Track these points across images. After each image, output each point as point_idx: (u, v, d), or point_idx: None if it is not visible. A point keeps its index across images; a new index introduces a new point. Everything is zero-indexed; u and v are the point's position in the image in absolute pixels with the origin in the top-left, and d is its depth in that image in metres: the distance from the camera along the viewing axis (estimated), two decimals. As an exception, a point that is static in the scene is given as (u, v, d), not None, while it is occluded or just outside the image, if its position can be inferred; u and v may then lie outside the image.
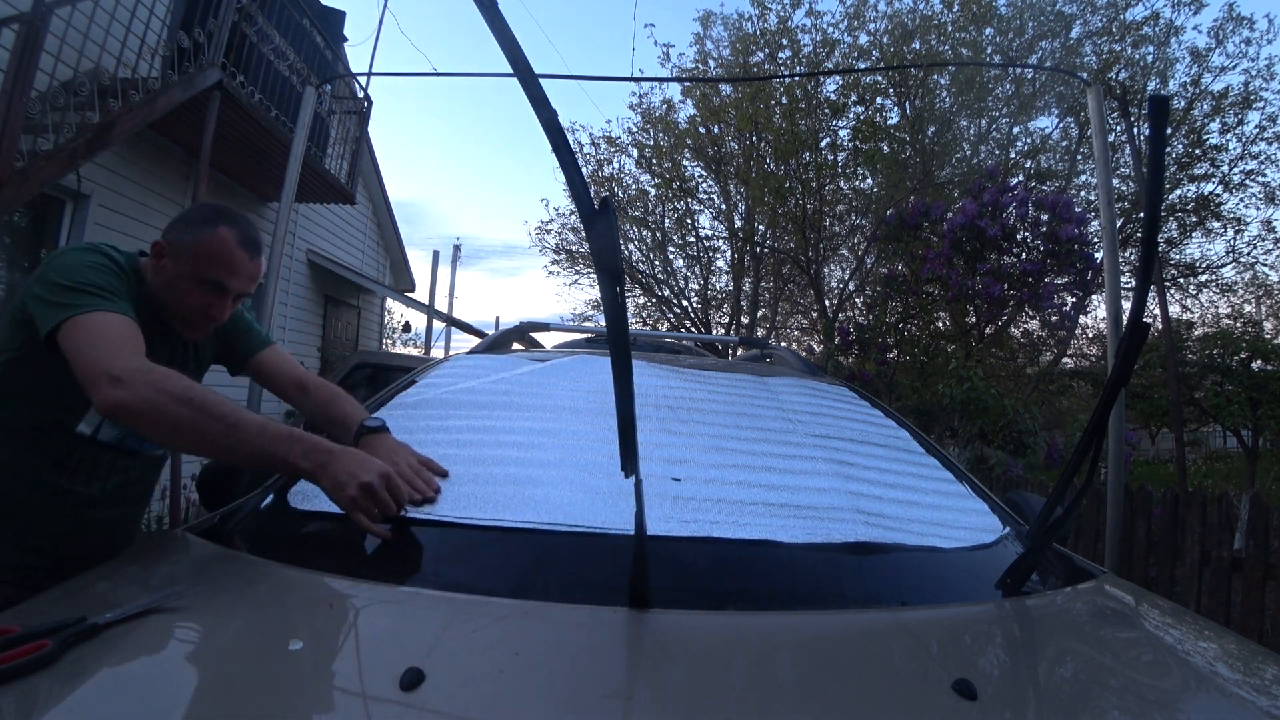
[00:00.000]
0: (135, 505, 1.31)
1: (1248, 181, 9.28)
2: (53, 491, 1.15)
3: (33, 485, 1.14)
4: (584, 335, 3.26)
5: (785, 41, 8.63)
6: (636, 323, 10.80)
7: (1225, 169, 9.24)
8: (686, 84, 9.32)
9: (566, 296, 28.81)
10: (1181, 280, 10.29)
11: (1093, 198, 8.58)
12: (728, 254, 10.96)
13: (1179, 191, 9.37)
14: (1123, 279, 4.85)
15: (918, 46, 8.50)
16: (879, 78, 8.28)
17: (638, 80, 9.63)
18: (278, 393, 1.39)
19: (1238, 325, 9.31)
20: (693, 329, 10.55)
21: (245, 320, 1.39)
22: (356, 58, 15.18)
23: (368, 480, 0.90)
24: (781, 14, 8.56)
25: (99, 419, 1.15)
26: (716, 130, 9.36)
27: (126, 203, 5.00)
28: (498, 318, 30.52)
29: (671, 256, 11.05)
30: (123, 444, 1.20)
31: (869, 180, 9.05)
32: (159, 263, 1.18)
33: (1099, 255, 5.21)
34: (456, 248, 16.94)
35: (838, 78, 8.23)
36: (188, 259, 1.16)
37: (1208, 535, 3.40)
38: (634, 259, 10.89)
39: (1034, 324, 7.60)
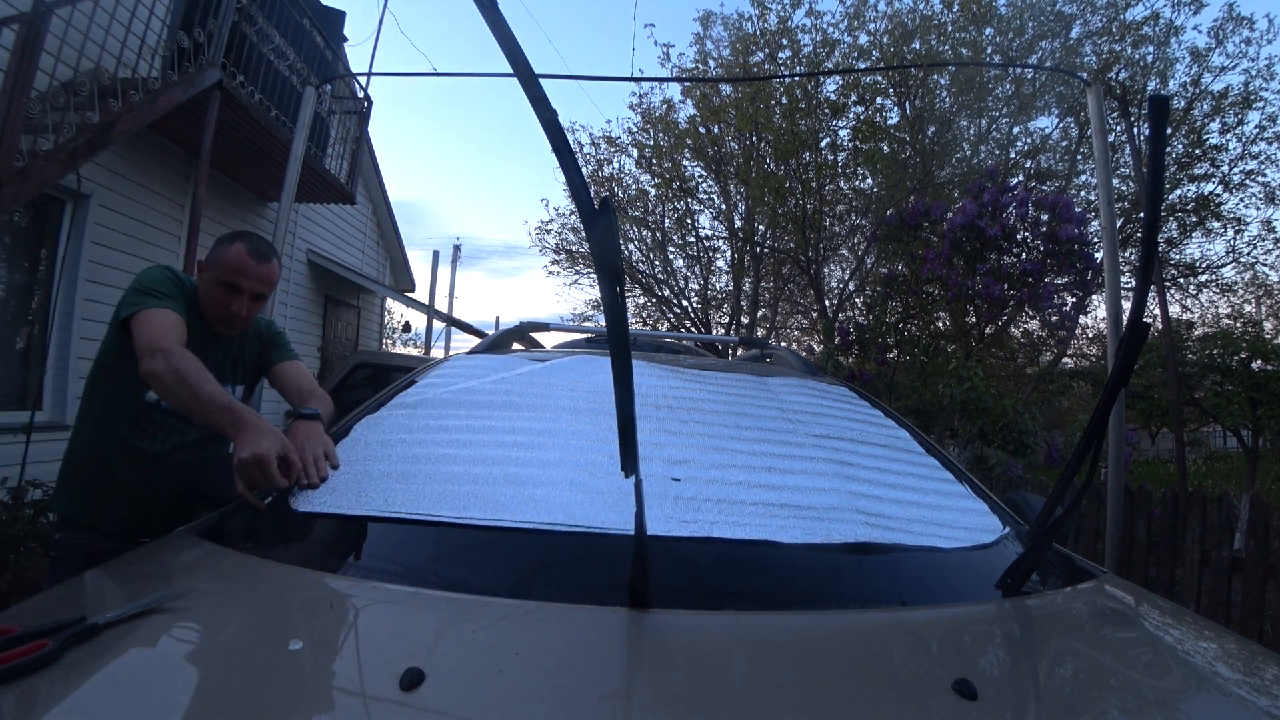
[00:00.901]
0: (196, 469, 1.56)
1: (1248, 181, 9.28)
2: (129, 450, 1.52)
3: (116, 444, 1.52)
4: (584, 335, 3.26)
5: (785, 41, 8.63)
6: (636, 323, 10.80)
7: (1225, 169, 9.25)
8: (686, 84, 9.32)
9: (566, 296, 28.82)
10: (1181, 280, 10.29)
11: (1093, 198, 8.58)
12: (728, 254, 10.96)
13: (1179, 191, 9.36)
14: (1123, 279, 4.86)
15: (918, 46, 8.50)
16: (879, 78, 8.27)
17: (638, 80, 9.63)
18: (286, 398, 1.66)
19: (1238, 325, 9.31)
20: (693, 329, 10.55)
21: (282, 338, 1.76)
22: (356, 58, 15.19)
23: (260, 452, 1.04)
24: (781, 14, 8.56)
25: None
26: (716, 130, 9.35)
27: (126, 203, 5.00)
28: (498, 318, 30.54)
29: (671, 256, 11.05)
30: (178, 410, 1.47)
31: (869, 180, 9.05)
32: (201, 276, 1.55)
33: (1099, 255, 5.20)
34: (456, 248, 16.95)
35: (838, 78, 8.23)
36: (214, 268, 1.52)
37: (1208, 535, 3.40)
38: (634, 259, 10.89)
39: (1034, 324, 7.60)
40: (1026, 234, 6.15)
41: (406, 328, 12.66)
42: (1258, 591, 3.14)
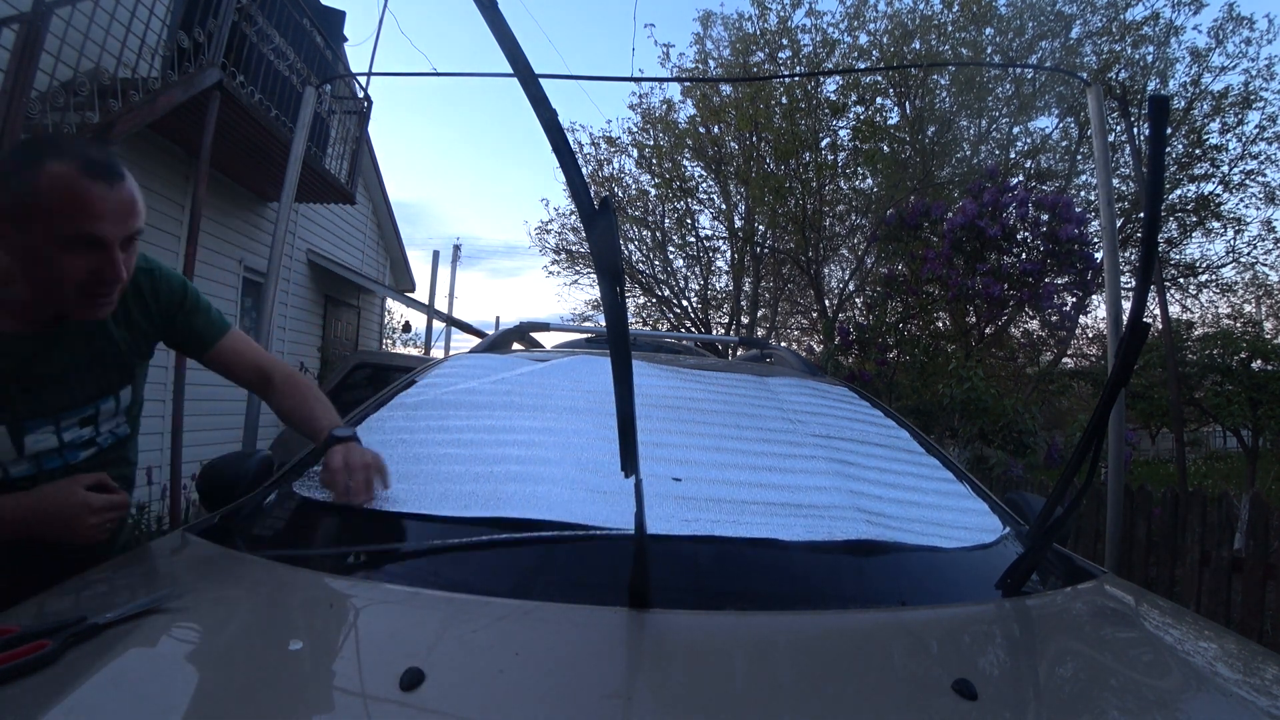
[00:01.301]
0: None
1: (1248, 181, 9.28)
2: None
3: None
4: (584, 335, 3.26)
5: (785, 41, 8.63)
6: (636, 323, 10.80)
7: (1225, 169, 9.25)
8: (686, 84, 9.32)
9: (566, 296, 28.80)
10: (1181, 280, 10.28)
11: (1093, 198, 8.58)
12: (728, 254, 10.96)
13: (1179, 191, 9.36)
14: (1123, 279, 4.85)
15: (918, 46, 8.49)
16: (879, 78, 8.27)
17: (638, 80, 9.63)
18: (239, 383, 1.21)
19: (1238, 325, 9.30)
20: (693, 329, 10.55)
21: (193, 298, 1.15)
22: (356, 58, 15.19)
23: (83, 504, 0.93)
24: (781, 14, 8.56)
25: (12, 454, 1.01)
26: (716, 130, 9.35)
27: (126, 203, 5.00)
28: (498, 318, 30.53)
29: (671, 256, 11.05)
30: (41, 472, 1.04)
31: (869, 180, 9.05)
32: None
33: (1099, 255, 5.20)
34: (456, 248, 16.96)
35: (838, 78, 8.23)
36: (31, 220, 0.85)
37: (1208, 535, 3.39)
38: (634, 259, 10.89)
39: (1034, 324, 7.60)
40: (1026, 234, 6.15)
41: (406, 328, 12.66)
42: (1258, 591, 3.14)
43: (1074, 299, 6.28)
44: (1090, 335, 10.34)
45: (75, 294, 0.91)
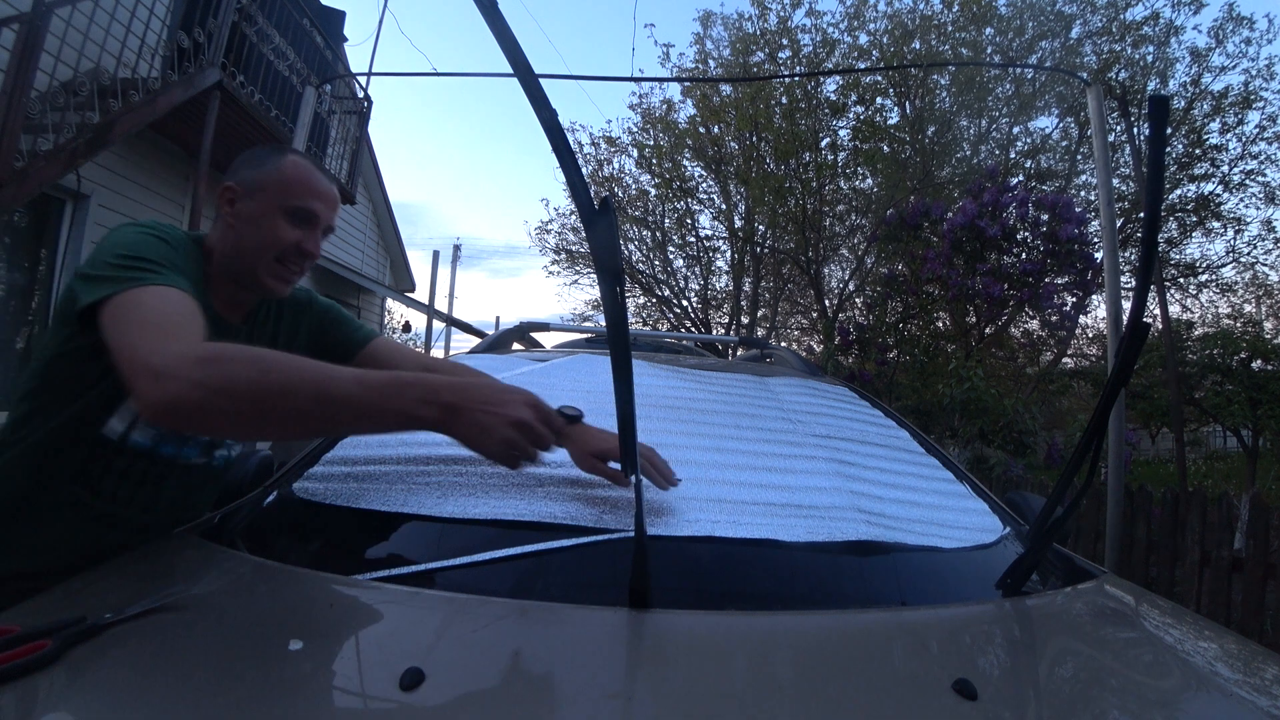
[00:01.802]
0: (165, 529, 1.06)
1: (1248, 181, 9.29)
2: (73, 504, 0.99)
3: (48, 493, 0.98)
4: (584, 335, 3.26)
5: (785, 41, 8.64)
6: (636, 323, 10.81)
7: (1225, 169, 9.25)
8: (686, 84, 9.33)
9: (566, 296, 28.82)
10: (1181, 280, 10.29)
11: (1093, 198, 8.59)
12: (728, 254, 10.97)
13: (1179, 191, 9.37)
14: (1123, 279, 4.86)
15: (918, 46, 8.50)
16: (879, 78, 8.28)
17: (638, 80, 9.66)
18: None
19: (1238, 325, 9.31)
20: (693, 329, 10.56)
21: (338, 311, 1.24)
22: (356, 58, 15.20)
23: (518, 416, 0.76)
24: (781, 14, 8.58)
25: (131, 416, 0.99)
26: (716, 130, 9.36)
27: (126, 203, 5.00)
28: (498, 318, 30.52)
29: (671, 256, 11.06)
30: (157, 449, 1.03)
31: (869, 180, 9.06)
32: (231, 209, 1.05)
33: (1099, 255, 5.21)
34: (456, 248, 16.93)
35: (838, 78, 8.23)
36: (266, 191, 1.03)
37: (1208, 535, 3.40)
38: (634, 259, 10.90)
39: (1034, 324, 7.60)
40: (1026, 234, 6.16)
41: (406, 328, 12.67)
42: (1258, 591, 3.14)
43: (1074, 299, 6.28)
44: (1090, 335, 10.35)
45: (275, 261, 1.04)
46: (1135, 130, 7.54)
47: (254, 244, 1.03)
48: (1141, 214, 5.39)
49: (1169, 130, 7.66)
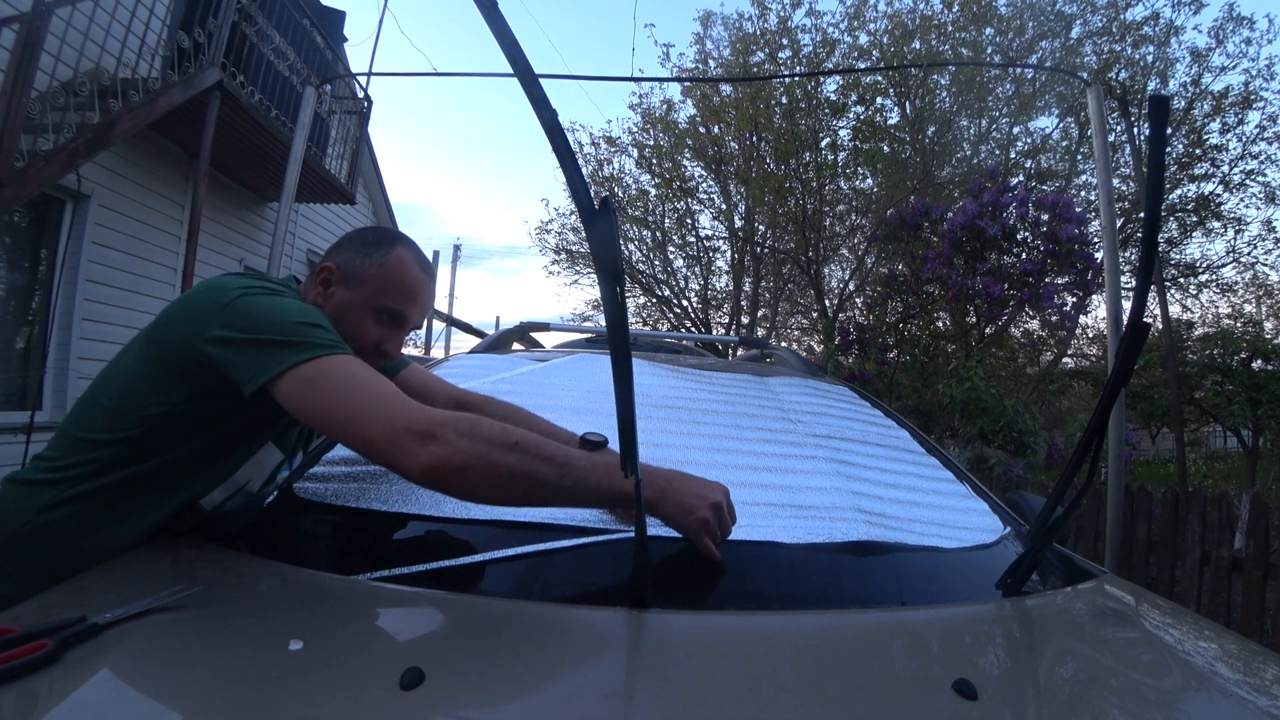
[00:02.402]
0: None
1: (1248, 181, 9.28)
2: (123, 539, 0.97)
3: (107, 534, 0.96)
4: (584, 335, 3.26)
5: (785, 41, 8.64)
6: (636, 323, 10.80)
7: (1225, 169, 9.25)
8: (686, 84, 9.33)
9: (566, 296, 28.88)
10: (1181, 280, 10.28)
11: (1093, 198, 8.59)
12: (728, 254, 10.97)
13: (1179, 191, 9.36)
14: (1123, 279, 4.85)
15: (918, 46, 8.50)
16: (879, 78, 8.28)
17: (638, 80, 9.65)
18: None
19: (1238, 325, 9.30)
20: (693, 329, 10.55)
21: None
22: (356, 58, 15.20)
23: (717, 500, 0.84)
24: (781, 14, 8.57)
25: (235, 489, 1.00)
26: (716, 130, 9.36)
27: (126, 203, 5.00)
28: (498, 318, 30.54)
29: (671, 256, 11.06)
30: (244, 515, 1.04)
31: (869, 180, 9.06)
32: (326, 290, 1.04)
33: (1099, 255, 5.20)
34: (456, 248, 16.96)
35: (838, 78, 8.23)
36: (364, 285, 1.02)
37: (1208, 535, 3.40)
38: (634, 259, 10.90)
39: (1034, 324, 7.60)
40: (1026, 234, 6.15)
41: (407, 328, 12.64)
42: (1258, 591, 3.14)
43: (1074, 299, 6.27)
44: (1090, 335, 10.35)
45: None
46: (1135, 130, 7.54)
47: (342, 335, 0.98)
48: (1141, 214, 5.39)
49: (1169, 130, 7.66)
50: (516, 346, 2.35)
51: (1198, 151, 9.11)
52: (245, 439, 0.81)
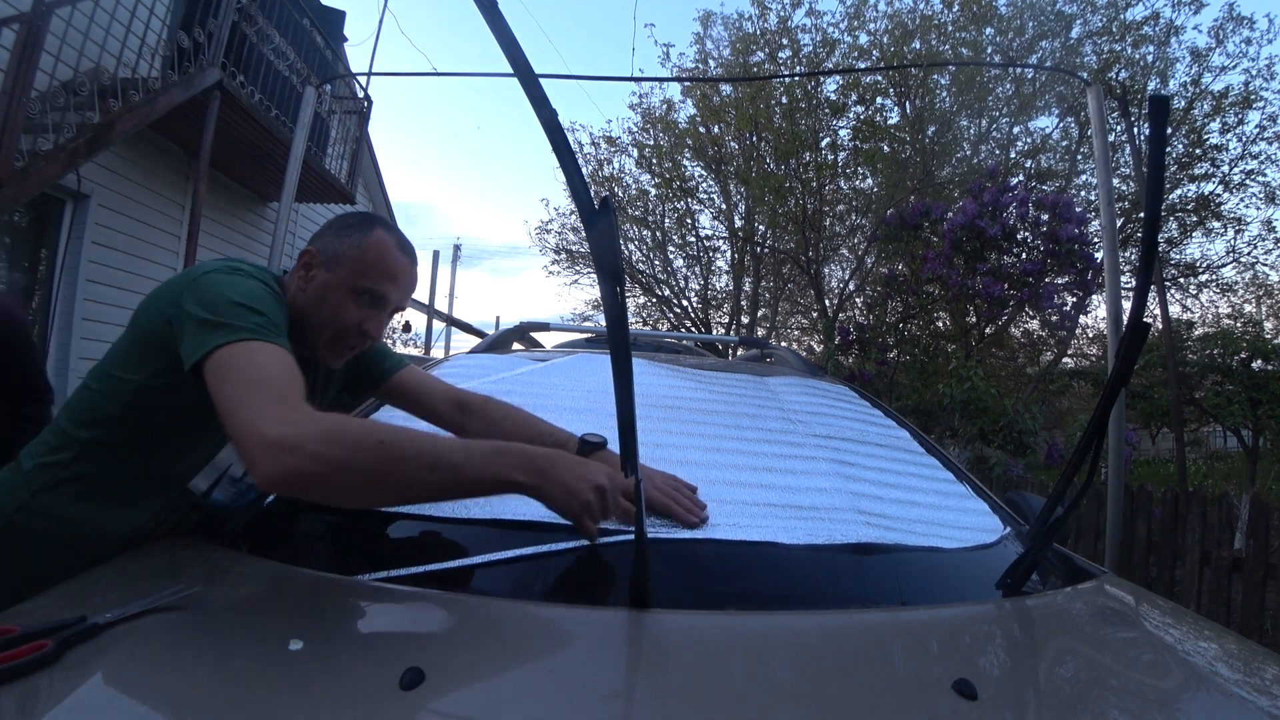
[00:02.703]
0: None
1: (1248, 181, 9.27)
2: (102, 532, 0.99)
3: (74, 519, 0.97)
4: (584, 335, 3.26)
5: (785, 41, 8.64)
6: (636, 323, 10.80)
7: (1225, 169, 9.24)
8: (686, 84, 9.33)
9: (566, 296, 28.89)
10: (1181, 280, 10.28)
11: (1093, 198, 8.59)
12: (728, 254, 10.97)
13: (1179, 191, 9.36)
14: (1123, 279, 4.85)
15: (918, 46, 8.50)
16: (879, 78, 8.28)
17: (638, 80, 9.65)
18: (428, 415, 1.20)
19: (1238, 325, 9.30)
20: (693, 329, 10.55)
21: (378, 344, 1.24)
22: (356, 58, 15.21)
23: (600, 482, 0.82)
24: (781, 14, 8.57)
25: (218, 473, 1.00)
26: (716, 130, 9.36)
27: (126, 203, 5.00)
28: (498, 318, 30.53)
29: (671, 256, 11.06)
30: (232, 505, 1.01)
31: (869, 180, 9.06)
32: (307, 274, 1.04)
33: (1099, 255, 5.20)
34: (456, 248, 16.95)
35: (838, 78, 8.23)
36: (343, 265, 1.02)
37: (1208, 535, 3.40)
38: (634, 259, 10.89)
39: (1034, 324, 7.59)
40: (1026, 234, 6.15)
41: (406, 328, 12.64)
42: (1258, 591, 3.14)
43: (1074, 299, 6.27)
44: (1090, 335, 10.35)
45: (334, 337, 1.05)
46: (1135, 130, 7.53)
47: (317, 316, 1.03)
48: (1141, 214, 5.39)
49: (1169, 130, 7.66)
50: (516, 346, 2.35)
51: (1198, 151, 9.11)
52: (215, 417, 0.81)
